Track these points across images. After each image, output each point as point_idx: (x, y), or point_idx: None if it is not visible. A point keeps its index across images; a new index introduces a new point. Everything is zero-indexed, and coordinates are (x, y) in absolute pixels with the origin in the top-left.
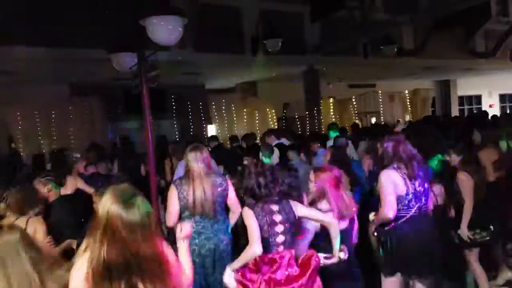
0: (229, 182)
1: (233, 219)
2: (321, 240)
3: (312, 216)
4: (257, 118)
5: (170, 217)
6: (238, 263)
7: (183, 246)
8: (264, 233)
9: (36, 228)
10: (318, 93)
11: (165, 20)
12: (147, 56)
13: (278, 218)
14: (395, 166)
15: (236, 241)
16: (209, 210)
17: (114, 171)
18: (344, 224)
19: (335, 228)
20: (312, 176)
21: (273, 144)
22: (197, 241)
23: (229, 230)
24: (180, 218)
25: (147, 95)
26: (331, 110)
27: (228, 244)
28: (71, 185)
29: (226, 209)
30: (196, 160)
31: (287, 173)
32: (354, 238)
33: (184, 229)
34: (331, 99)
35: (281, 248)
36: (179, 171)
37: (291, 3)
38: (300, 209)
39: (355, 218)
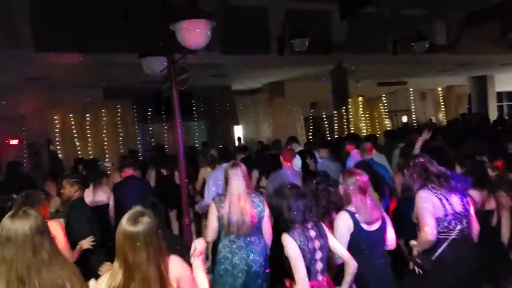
0: (266, 204)
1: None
2: None
3: (335, 248)
4: (284, 118)
5: (209, 233)
6: None
7: (197, 263)
8: (306, 262)
9: (55, 232)
10: (346, 91)
11: (194, 24)
12: (176, 60)
13: (317, 244)
14: (429, 187)
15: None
16: (246, 230)
17: (151, 180)
18: (374, 227)
19: (352, 268)
20: (341, 178)
21: (296, 151)
22: (230, 260)
23: (266, 252)
24: (219, 235)
25: (177, 98)
26: (360, 109)
27: (262, 266)
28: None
29: None
30: (237, 177)
31: (318, 177)
32: (390, 244)
33: (198, 247)
34: (360, 97)
35: (319, 276)
36: (209, 183)
37: (318, 1)
38: (329, 237)
39: (387, 221)
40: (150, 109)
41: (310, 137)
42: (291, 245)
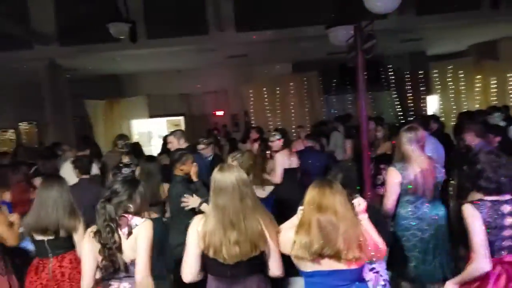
0: (443, 171)
1: None
2: None
3: None
4: (494, 86)
5: (389, 201)
6: (460, 279)
7: (364, 218)
8: (490, 236)
9: None
10: None
11: None
12: (364, 27)
13: (509, 221)
14: None
15: None
16: (429, 194)
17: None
18: None
19: None
20: None
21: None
22: (418, 226)
23: (447, 215)
24: (399, 203)
25: (362, 67)
26: None
27: (448, 229)
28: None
29: None
30: (410, 142)
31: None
32: None
33: (361, 203)
34: None
35: (504, 252)
36: None
37: None
38: None
39: None
40: (334, 81)
41: None
42: (474, 220)
